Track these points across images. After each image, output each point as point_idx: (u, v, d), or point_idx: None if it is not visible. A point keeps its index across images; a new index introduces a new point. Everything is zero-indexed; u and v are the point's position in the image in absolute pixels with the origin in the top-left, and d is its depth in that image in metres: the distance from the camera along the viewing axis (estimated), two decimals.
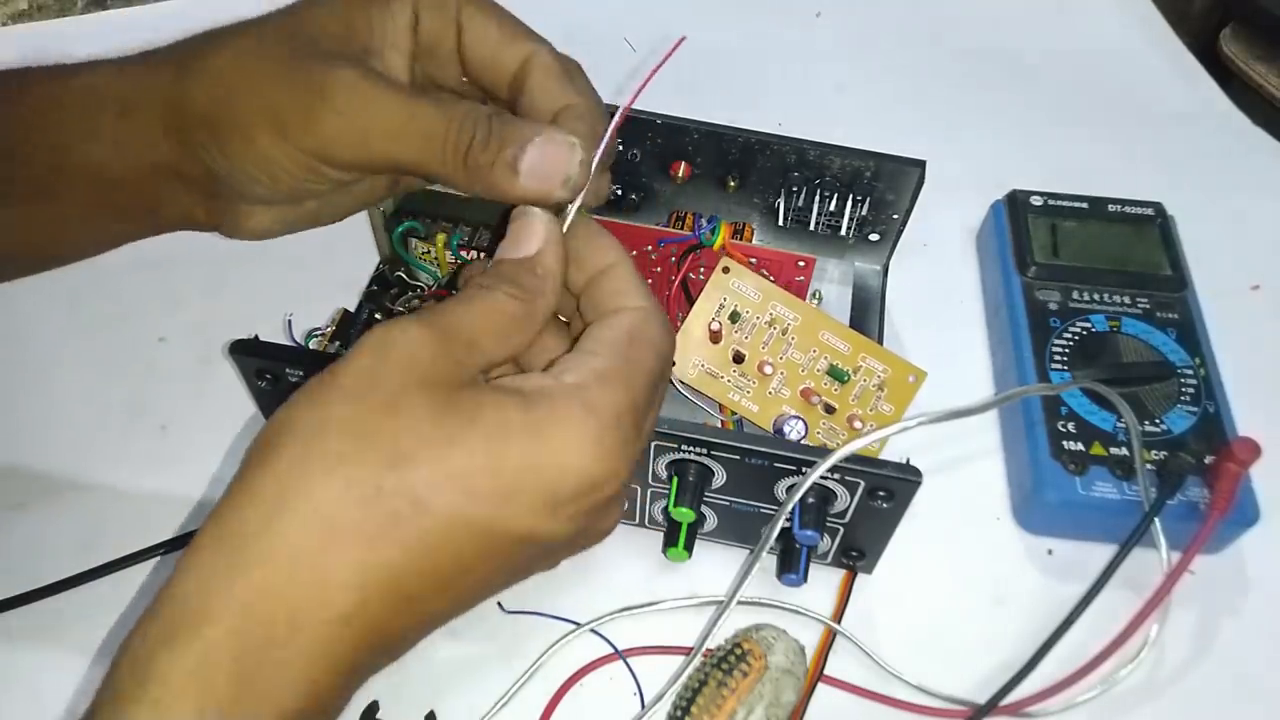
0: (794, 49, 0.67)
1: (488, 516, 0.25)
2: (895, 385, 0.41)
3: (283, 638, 0.23)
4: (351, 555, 0.24)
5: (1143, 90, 0.64)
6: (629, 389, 0.28)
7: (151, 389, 0.47)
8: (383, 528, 0.24)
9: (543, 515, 0.26)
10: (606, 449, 0.26)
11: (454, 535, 0.25)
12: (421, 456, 0.25)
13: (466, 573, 0.26)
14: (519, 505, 0.26)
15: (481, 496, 0.25)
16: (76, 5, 0.72)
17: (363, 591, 0.24)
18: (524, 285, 0.29)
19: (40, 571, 0.40)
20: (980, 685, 0.38)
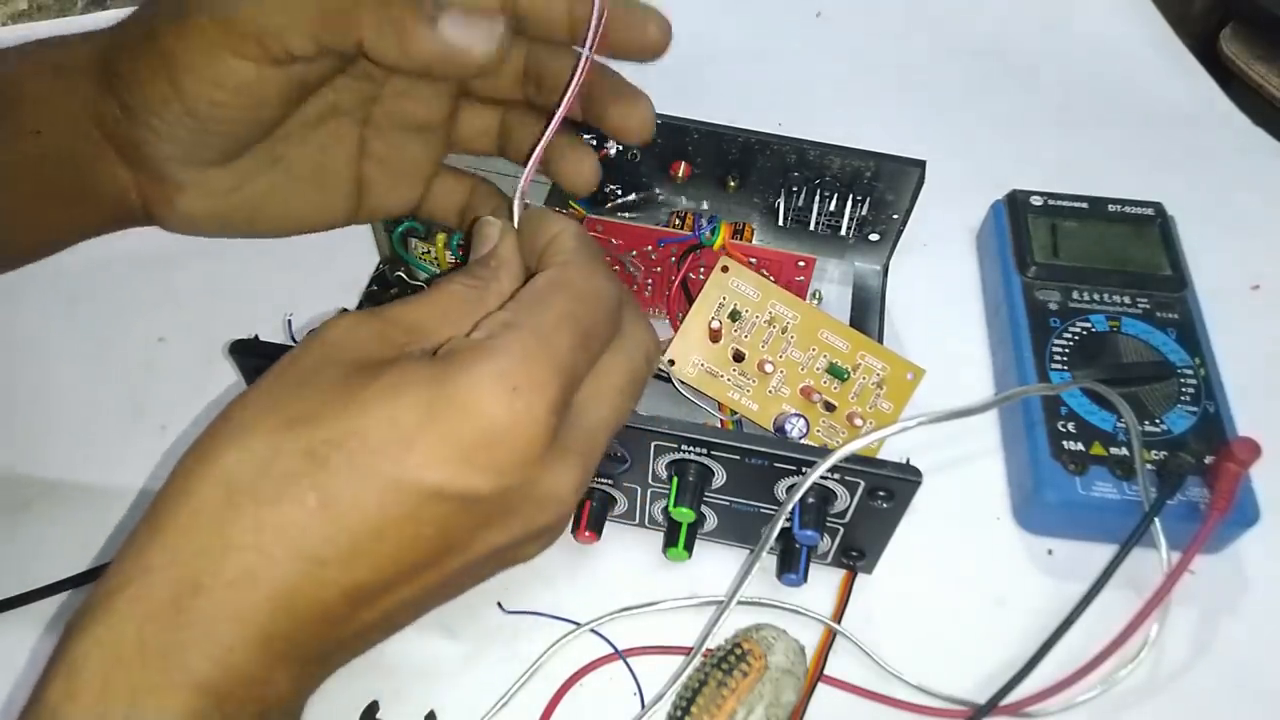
0: (794, 49, 0.67)
1: (386, 469, 0.24)
2: (894, 383, 0.41)
3: (185, 601, 0.23)
4: (249, 515, 0.24)
5: (1143, 90, 0.64)
6: (536, 329, 0.26)
7: (151, 389, 0.47)
8: (279, 487, 0.24)
9: (449, 464, 0.25)
10: (510, 385, 0.25)
11: (354, 491, 0.24)
12: (319, 416, 0.25)
13: (379, 537, 0.25)
14: (422, 454, 0.24)
15: (377, 449, 0.24)
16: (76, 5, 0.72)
17: (262, 552, 0.24)
18: (477, 275, 0.30)
19: (40, 571, 0.40)
20: (980, 685, 0.38)
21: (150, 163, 0.33)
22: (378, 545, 0.25)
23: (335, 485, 0.24)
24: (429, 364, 0.26)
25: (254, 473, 0.24)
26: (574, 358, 0.27)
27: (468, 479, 0.25)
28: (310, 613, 0.25)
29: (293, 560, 0.24)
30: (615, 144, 0.46)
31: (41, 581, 0.40)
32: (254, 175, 0.34)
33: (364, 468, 0.24)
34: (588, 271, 0.29)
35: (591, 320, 0.28)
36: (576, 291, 0.28)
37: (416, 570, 0.26)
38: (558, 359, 0.26)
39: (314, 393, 0.25)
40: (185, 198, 0.34)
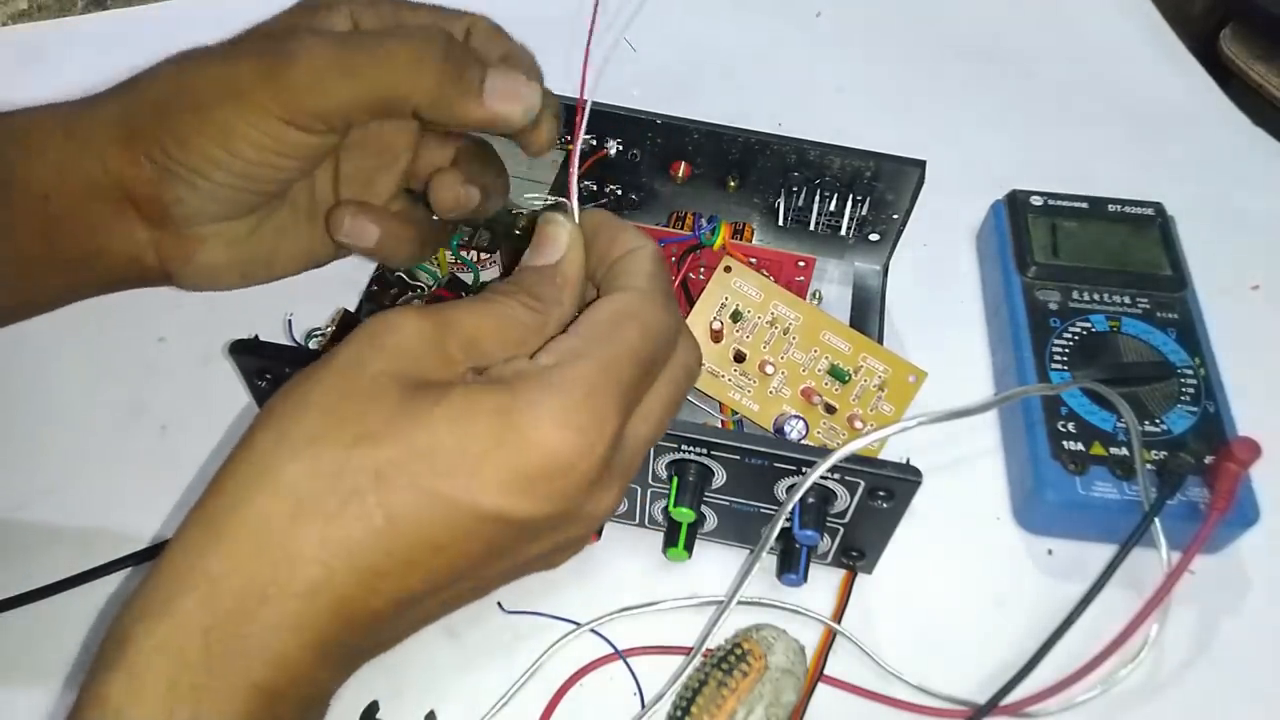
0: (794, 49, 0.67)
1: (452, 492, 0.25)
2: (896, 385, 0.41)
3: (251, 610, 0.24)
4: (315, 530, 0.24)
5: (1143, 90, 0.64)
6: (604, 365, 0.27)
7: (151, 389, 0.47)
8: (345, 503, 0.25)
9: (512, 493, 0.25)
10: (577, 425, 0.26)
11: (418, 510, 0.25)
12: (385, 435, 0.25)
13: (437, 551, 0.26)
14: (485, 481, 0.25)
15: (445, 473, 0.25)
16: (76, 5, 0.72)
17: (327, 566, 0.24)
18: (541, 296, 0.30)
19: (40, 571, 0.40)
20: (980, 685, 0.38)
21: (176, 221, 0.33)
22: (433, 559, 0.26)
23: (400, 505, 0.25)
24: (495, 391, 0.26)
25: (321, 488, 0.25)
26: (635, 392, 0.28)
27: (526, 506, 0.26)
28: (363, 620, 0.26)
29: (354, 573, 0.25)
30: (615, 144, 0.46)
31: (42, 581, 0.40)
32: (267, 218, 0.35)
33: (428, 489, 0.25)
34: (660, 304, 0.30)
35: (654, 355, 0.29)
36: (646, 327, 0.29)
37: (461, 578, 0.27)
38: (620, 394, 0.27)
39: (378, 409, 0.26)
40: (206, 250, 0.34)
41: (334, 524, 0.25)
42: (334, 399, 0.26)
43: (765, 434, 0.41)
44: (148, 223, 0.33)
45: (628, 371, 0.28)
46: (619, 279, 0.30)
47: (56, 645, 0.39)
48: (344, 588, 0.25)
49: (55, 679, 0.38)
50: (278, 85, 0.30)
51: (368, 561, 0.25)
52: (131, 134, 0.32)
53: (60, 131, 0.32)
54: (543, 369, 0.27)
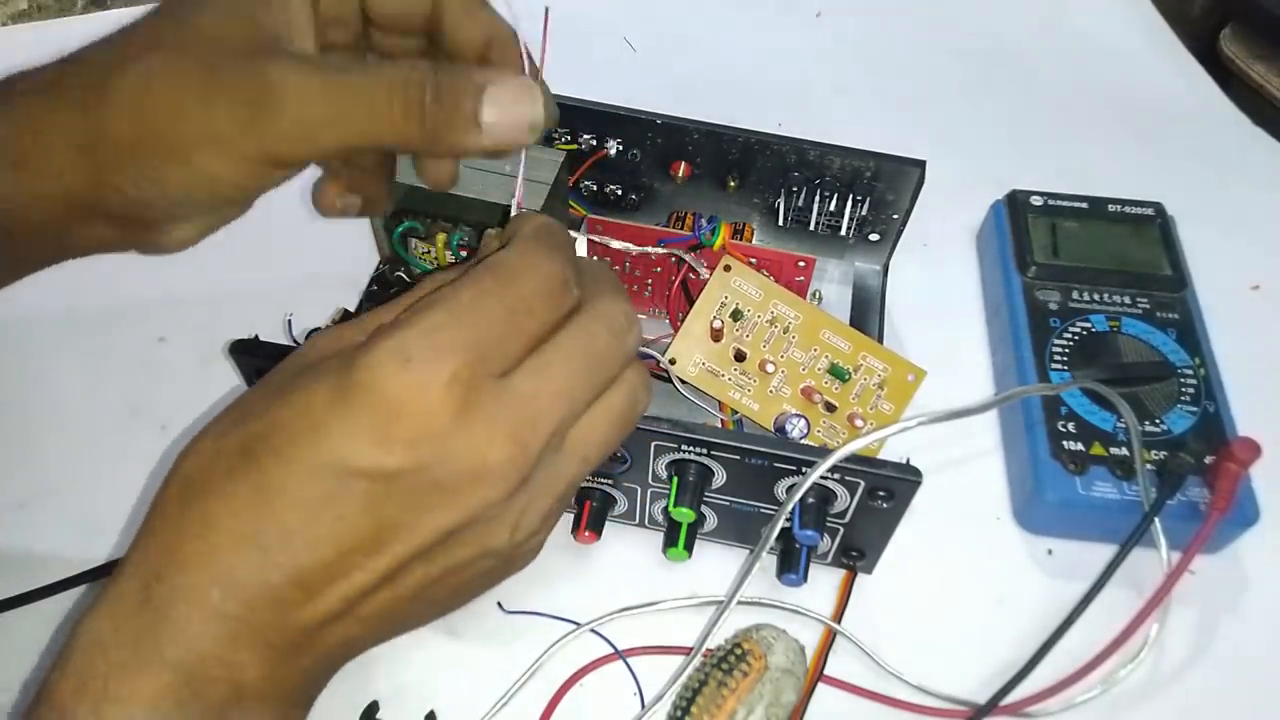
0: (794, 49, 0.67)
1: (304, 455, 0.25)
2: (895, 384, 0.41)
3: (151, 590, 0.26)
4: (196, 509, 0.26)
5: (1143, 90, 0.64)
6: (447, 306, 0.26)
7: (151, 389, 0.47)
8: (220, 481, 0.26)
9: (359, 441, 0.25)
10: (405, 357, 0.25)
11: (282, 479, 0.25)
12: (254, 414, 0.27)
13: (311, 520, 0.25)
14: (333, 436, 0.25)
15: (295, 437, 0.26)
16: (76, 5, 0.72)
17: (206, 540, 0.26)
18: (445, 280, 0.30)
19: (40, 571, 0.40)
20: (980, 685, 0.38)
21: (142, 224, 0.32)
22: (310, 528, 0.26)
23: (264, 475, 0.26)
24: (345, 352, 0.27)
25: (202, 471, 0.26)
26: (492, 330, 0.27)
27: (376, 455, 0.25)
28: (259, 596, 0.26)
29: (235, 547, 0.26)
30: (615, 144, 0.46)
31: (41, 581, 0.40)
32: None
33: (286, 456, 0.26)
34: (523, 249, 0.28)
35: (519, 294, 0.27)
36: (505, 268, 0.28)
37: (359, 552, 0.26)
38: (467, 330, 0.26)
39: (259, 395, 0.27)
40: (176, 236, 0.33)
41: (211, 500, 0.26)
42: (242, 396, 0.28)
43: (765, 434, 0.41)
44: (116, 227, 0.33)
45: (479, 310, 0.26)
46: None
47: (57, 645, 0.39)
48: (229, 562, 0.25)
49: None
50: (262, 135, 0.29)
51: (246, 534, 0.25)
52: (100, 170, 0.30)
53: (13, 163, 0.31)
54: (388, 325, 0.27)
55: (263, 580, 0.26)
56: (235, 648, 0.26)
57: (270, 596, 0.26)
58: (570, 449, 0.29)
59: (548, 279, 0.28)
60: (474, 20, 0.33)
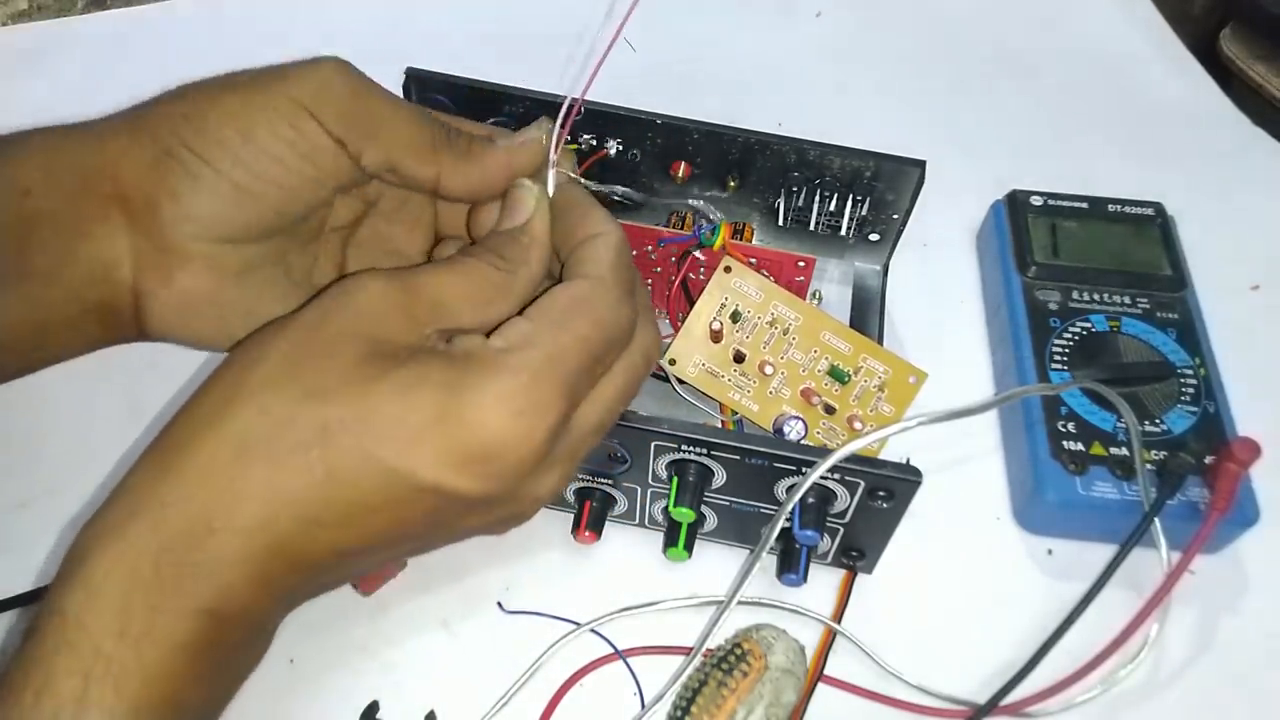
0: (794, 49, 0.67)
1: (389, 459, 0.26)
2: (896, 386, 0.41)
3: (199, 539, 0.26)
4: (260, 473, 0.26)
5: (1143, 90, 0.64)
6: (552, 352, 0.28)
7: (151, 389, 0.47)
8: (290, 452, 0.26)
9: (448, 468, 0.26)
10: (517, 409, 0.27)
11: (356, 471, 0.26)
12: (335, 394, 0.26)
13: (373, 512, 0.27)
14: (422, 454, 0.26)
15: (386, 440, 0.26)
16: (76, 5, 0.72)
17: (269, 507, 0.26)
18: (507, 255, 0.30)
19: (40, 571, 0.40)
20: (980, 685, 0.38)
21: (165, 225, 0.31)
22: (370, 518, 0.27)
23: (340, 462, 0.26)
24: (446, 366, 0.27)
25: (269, 435, 0.26)
26: (581, 381, 0.29)
27: (460, 483, 0.27)
28: (303, 563, 0.27)
29: (294, 519, 0.26)
30: (615, 144, 0.46)
31: (41, 581, 0.40)
32: (257, 266, 0.34)
33: (368, 453, 0.26)
34: (616, 297, 0.30)
35: (606, 346, 0.30)
36: (599, 318, 0.29)
37: (399, 542, 0.29)
38: (565, 382, 0.28)
39: (335, 367, 0.27)
40: (188, 272, 0.32)
41: (278, 470, 0.26)
42: (294, 351, 0.27)
43: (765, 434, 0.41)
44: (133, 225, 0.32)
45: (575, 360, 0.28)
46: (581, 265, 0.31)
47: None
48: (285, 531, 0.26)
49: None
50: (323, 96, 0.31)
51: (308, 511, 0.26)
52: (139, 118, 0.31)
53: (54, 133, 0.32)
54: (494, 351, 0.28)
55: (311, 551, 0.27)
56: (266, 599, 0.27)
57: (312, 564, 0.27)
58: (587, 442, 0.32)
59: (627, 328, 0.30)
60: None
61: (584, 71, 0.33)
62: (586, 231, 0.31)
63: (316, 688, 0.38)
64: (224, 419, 0.26)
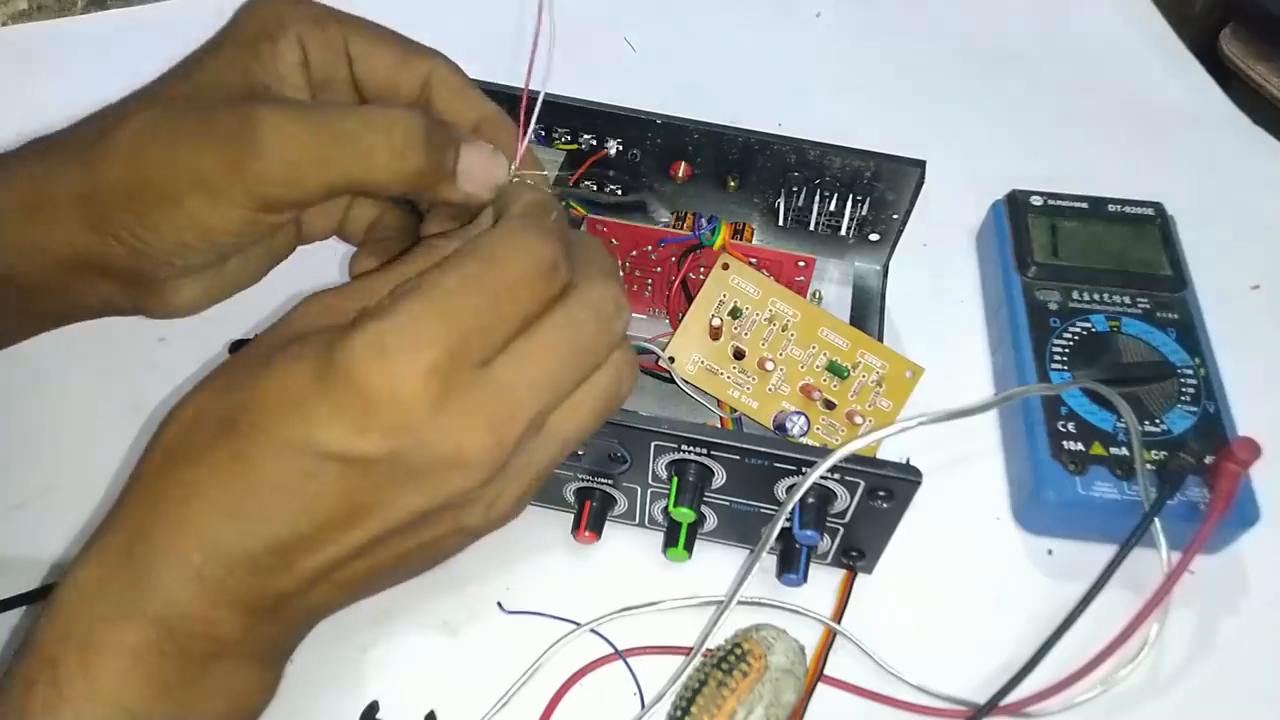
0: (794, 49, 0.67)
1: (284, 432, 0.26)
2: (893, 381, 0.41)
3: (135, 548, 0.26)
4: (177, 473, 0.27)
5: (1143, 91, 0.64)
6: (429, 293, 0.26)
7: (151, 389, 0.47)
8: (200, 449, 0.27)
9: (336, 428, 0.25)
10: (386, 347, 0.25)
11: (259, 453, 0.26)
12: (237, 384, 0.27)
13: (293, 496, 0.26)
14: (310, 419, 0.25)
15: (274, 412, 0.26)
16: (76, 5, 0.72)
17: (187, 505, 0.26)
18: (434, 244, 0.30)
19: (40, 571, 0.40)
20: (980, 685, 0.38)
21: (147, 281, 0.33)
22: (287, 502, 0.26)
23: (243, 447, 0.26)
24: (329, 331, 0.27)
25: (184, 436, 0.27)
26: (474, 318, 0.27)
27: (352, 442, 0.25)
28: (237, 560, 0.26)
29: (213, 513, 0.26)
30: (615, 144, 0.46)
31: (41, 581, 0.40)
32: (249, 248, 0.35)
33: (265, 431, 0.26)
34: (511, 230, 0.28)
35: (504, 280, 0.27)
36: (493, 252, 0.27)
37: (335, 528, 0.27)
38: (448, 320, 0.26)
39: (243, 363, 0.28)
40: (179, 293, 0.34)
41: (191, 467, 0.26)
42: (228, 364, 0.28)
43: (765, 433, 0.41)
44: (120, 284, 0.33)
45: (462, 297, 0.26)
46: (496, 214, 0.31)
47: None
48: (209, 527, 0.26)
49: None
50: (247, 180, 0.29)
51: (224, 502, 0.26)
52: (100, 219, 0.31)
53: (18, 213, 0.32)
54: (377, 306, 0.27)
55: (242, 547, 0.26)
56: (214, 607, 0.27)
57: (248, 563, 0.26)
58: (550, 433, 0.29)
59: (536, 263, 0.28)
60: (463, 102, 0.34)
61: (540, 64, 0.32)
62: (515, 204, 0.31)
63: (316, 687, 0.38)
64: (155, 436, 0.28)
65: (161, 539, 0.26)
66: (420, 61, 0.34)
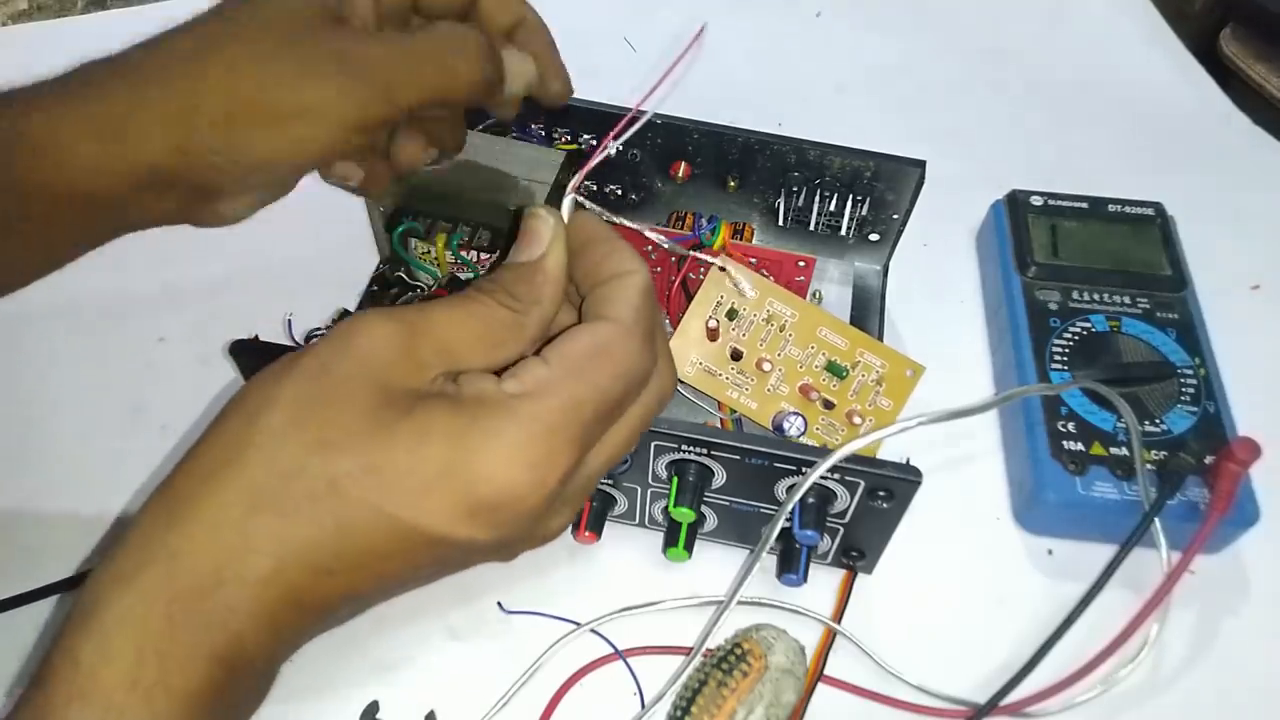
0: (794, 49, 0.67)
1: (400, 512, 0.26)
2: (893, 380, 0.41)
3: (208, 589, 0.25)
4: (270, 525, 0.26)
5: (1143, 90, 0.64)
6: (569, 404, 0.27)
7: (151, 389, 0.47)
8: (299, 505, 0.26)
9: (459, 520, 0.26)
10: (529, 461, 0.27)
11: (367, 523, 0.26)
12: (345, 445, 0.26)
13: (384, 559, 0.27)
14: (433, 507, 0.26)
15: (395, 492, 0.26)
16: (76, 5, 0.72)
17: (279, 560, 0.26)
18: (519, 294, 0.29)
19: (40, 571, 0.40)
20: (980, 685, 0.38)
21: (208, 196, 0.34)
22: (381, 565, 0.27)
23: (350, 514, 0.26)
24: (454, 413, 0.27)
25: (278, 488, 0.26)
26: (596, 430, 0.29)
27: (471, 531, 0.27)
28: (313, 609, 0.27)
29: (305, 570, 0.26)
30: (615, 144, 0.46)
31: (41, 581, 0.40)
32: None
33: (378, 506, 0.26)
34: (639, 343, 0.29)
35: (624, 395, 0.29)
36: (619, 368, 0.29)
37: (410, 581, 0.29)
38: (580, 432, 0.28)
39: (342, 417, 0.26)
40: (234, 209, 0.35)
41: (287, 523, 0.26)
42: (300, 400, 0.27)
43: (765, 433, 0.41)
44: (184, 198, 0.34)
45: (591, 411, 0.28)
46: (604, 305, 0.30)
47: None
48: (295, 581, 0.26)
49: None
50: (352, 100, 0.32)
51: (318, 561, 0.26)
52: (188, 139, 0.32)
53: (97, 134, 0.32)
54: (508, 397, 0.27)
55: (322, 596, 0.27)
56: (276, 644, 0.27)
57: (322, 608, 0.27)
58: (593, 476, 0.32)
59: (646, 376, 0.30)
60: (506, 7, 0.37)
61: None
62: (611, 270, 0.31)
63: (317, 687, 0.38)
64: (232, 470, 0.26)
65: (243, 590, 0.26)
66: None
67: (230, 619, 0.25)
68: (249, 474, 0.26)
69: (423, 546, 0.27)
